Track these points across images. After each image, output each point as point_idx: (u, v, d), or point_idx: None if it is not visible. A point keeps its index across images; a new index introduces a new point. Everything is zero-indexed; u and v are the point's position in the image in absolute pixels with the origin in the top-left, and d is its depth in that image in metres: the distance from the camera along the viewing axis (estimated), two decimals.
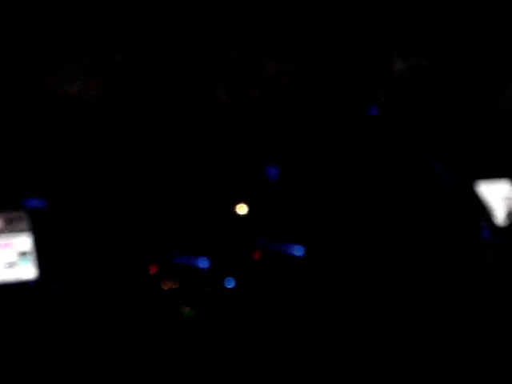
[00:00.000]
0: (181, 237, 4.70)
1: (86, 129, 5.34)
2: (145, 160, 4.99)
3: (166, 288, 4.46)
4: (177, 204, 4.80)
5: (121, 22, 5.46)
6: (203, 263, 4.58)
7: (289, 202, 4.98)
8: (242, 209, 4.91)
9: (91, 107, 5.40)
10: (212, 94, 5.62)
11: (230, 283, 4.53)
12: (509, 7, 5.86)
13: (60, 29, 5.33)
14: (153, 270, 4.50)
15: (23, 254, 4.13)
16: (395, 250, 4.82)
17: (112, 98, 5.39)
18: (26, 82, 5.19)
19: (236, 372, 4.12)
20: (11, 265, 4.08)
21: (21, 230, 4.15)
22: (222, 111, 5.38)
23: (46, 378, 3.80)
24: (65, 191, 4.80)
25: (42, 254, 4.17)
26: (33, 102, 5.21)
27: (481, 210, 4.85)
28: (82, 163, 4.95)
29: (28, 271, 4.11)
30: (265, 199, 4.93)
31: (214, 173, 4.93)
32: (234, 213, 4.82)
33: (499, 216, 4.88)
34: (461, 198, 4.79)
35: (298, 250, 4.79)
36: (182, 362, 4.08)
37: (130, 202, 4.75)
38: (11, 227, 4.14)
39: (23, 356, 3.83)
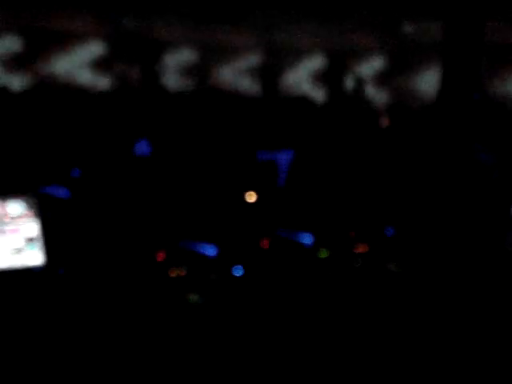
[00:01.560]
0: (189, 224, 4.69)
1: (92, 113, 5.31)
2: (153, 147, 4.97)
3: (173, 275, 4.45)
4: (185, 190, 4.78)
5: None
6: (211, 250, 4.57)
7: (298, 189, 4.95)
8: (250, 196, 4.88)
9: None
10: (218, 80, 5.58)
11: (238, 271, 4.51)
12: None
13: None
14: (160, 256, 4.49)
15: (30, 239, 4.11)
16: (417, 236, 4.80)
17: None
18: None
19: (243, 362, 4.12)
20: (18, 251, 4.07)
21: (28, 216, 4.13)
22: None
23: (52, 364, 3.80)
24: (72, 176, 4.79)
25: (50, 239, 4.16)
26: None
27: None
28: (88, 148, 4.93)
29: (35, 257, 4.10)
30: (274, 186, 4.91)
31: (223, 159, 4.91)
32: (244, 200, 4.80)
33: None
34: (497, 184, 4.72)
35: (306, 238, 4.77)
36: (189, 349, 4.07)
37: (138, 188, 4.73)
38: (18, 213, 4.12)
39: (29, 343, 3.82)
